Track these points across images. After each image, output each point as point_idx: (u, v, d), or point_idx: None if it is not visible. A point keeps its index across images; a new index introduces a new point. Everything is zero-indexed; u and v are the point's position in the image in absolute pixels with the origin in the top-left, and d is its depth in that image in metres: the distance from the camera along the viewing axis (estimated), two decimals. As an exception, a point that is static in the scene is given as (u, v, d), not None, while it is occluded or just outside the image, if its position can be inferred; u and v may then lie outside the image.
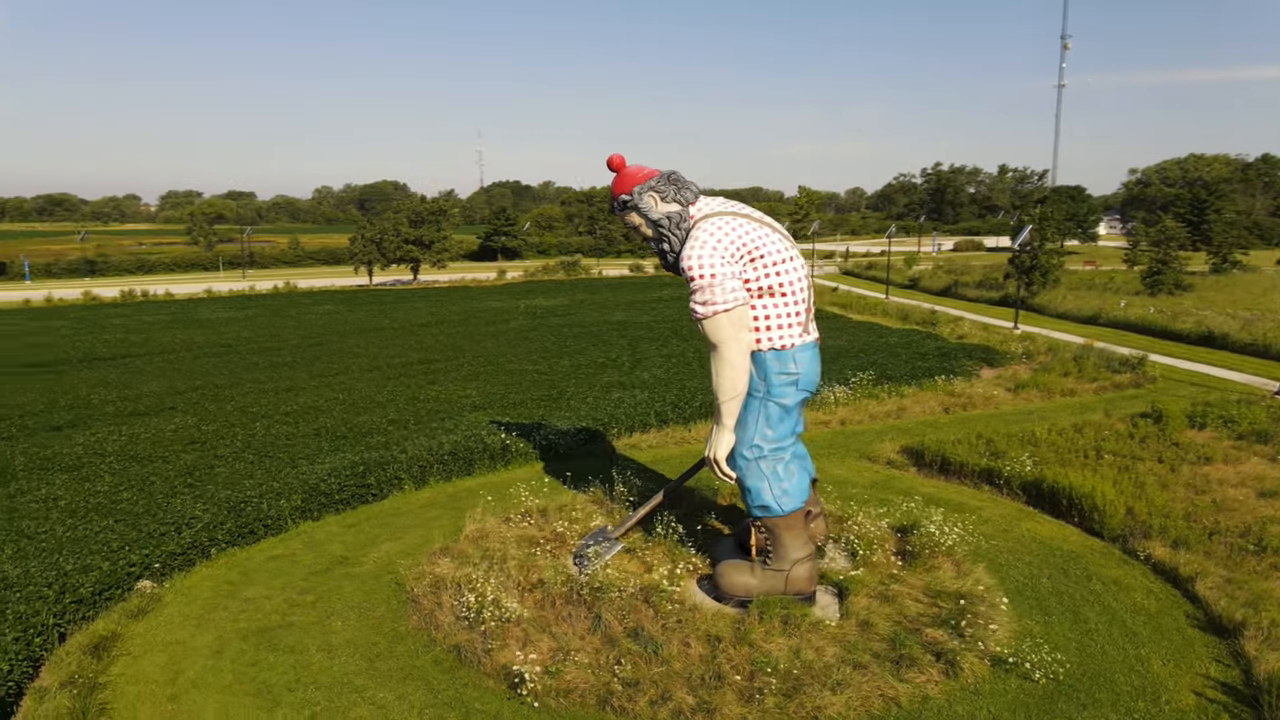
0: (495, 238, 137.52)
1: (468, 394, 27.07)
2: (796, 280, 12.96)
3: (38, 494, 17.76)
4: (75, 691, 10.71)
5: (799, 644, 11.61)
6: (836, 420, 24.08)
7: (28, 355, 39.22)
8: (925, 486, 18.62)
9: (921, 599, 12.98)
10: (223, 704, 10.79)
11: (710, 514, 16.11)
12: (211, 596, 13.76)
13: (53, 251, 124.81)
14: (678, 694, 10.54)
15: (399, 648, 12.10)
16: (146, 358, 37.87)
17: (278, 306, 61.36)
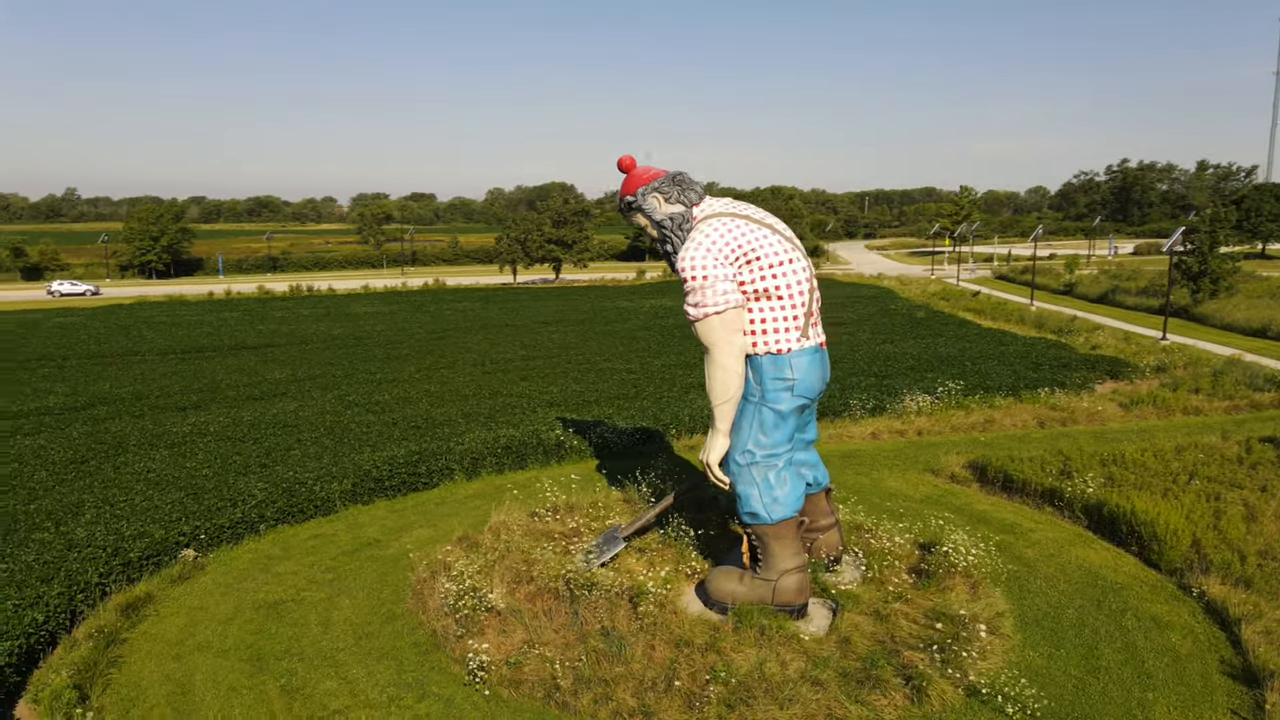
0: (643, 237, 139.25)
1: (549, 391, 27.74)
2: (795, 283, 12.58)
3: (136, 467, 19.72)
4: (94, 645, 11.88)
5: (767, 656, 11.29)
6: (914, 430, 23.04)
7: (189, 342, 43.37)
8: (981, 504, 17.57)
9: (920, 620, 12.31)
10: (215, 666, 11.68)
11: (733, 519, 15.86)
12: (247, 568, 14.87)
13: (246, 249, 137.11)
14: (619, 694, 10.52)
15: (388, 628, 12.68)
16: (285, 347, 41.02)
17: (420, 303, 64.84)
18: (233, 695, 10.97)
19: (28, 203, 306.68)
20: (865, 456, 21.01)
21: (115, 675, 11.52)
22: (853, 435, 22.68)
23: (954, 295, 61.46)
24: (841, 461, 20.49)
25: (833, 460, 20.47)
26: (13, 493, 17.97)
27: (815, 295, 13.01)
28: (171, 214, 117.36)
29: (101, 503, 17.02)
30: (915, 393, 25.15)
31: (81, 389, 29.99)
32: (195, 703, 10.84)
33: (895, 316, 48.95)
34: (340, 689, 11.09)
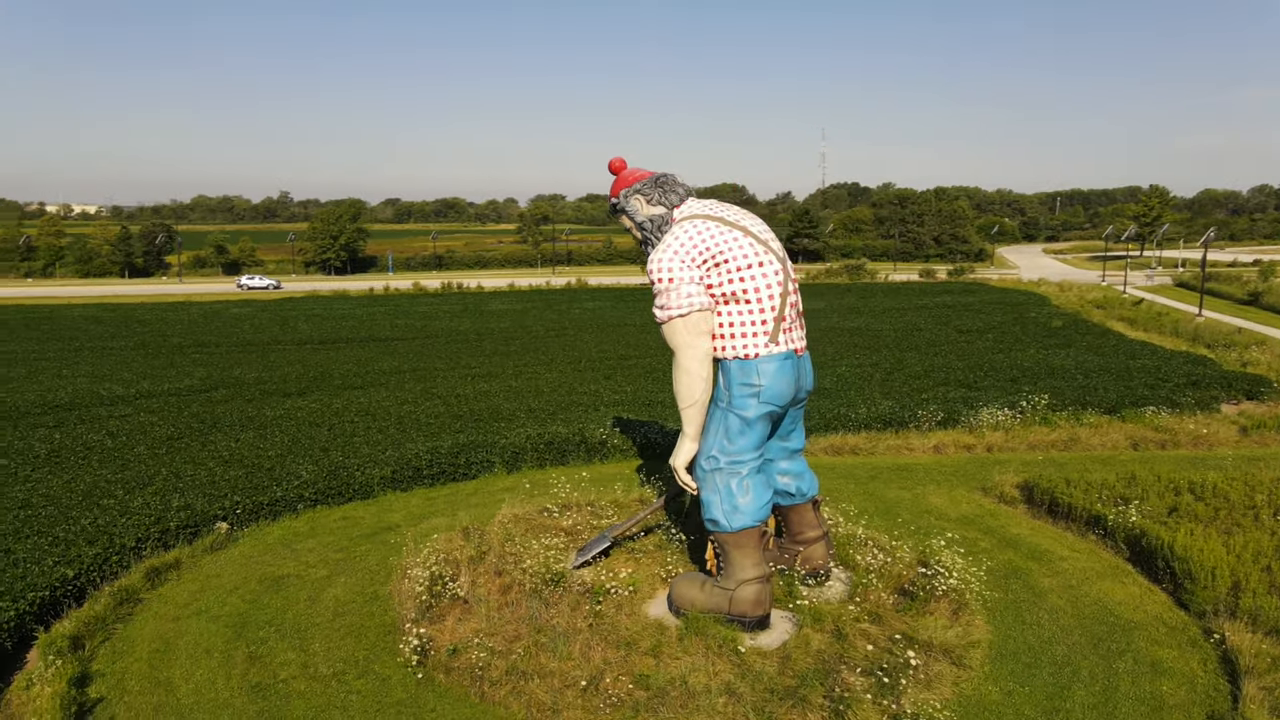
0: (796, 240, 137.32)
1: (623, 390, 28.05)
2: (763, 287, 12.26)
3: (218, 445, 21.61)
4: (110, 602, 13.23)
5: (700, 665, 11.09)
6: (983, 446, 21.70)
7: (330, 333, 46.76)
8: (1019, 527, 16.38)
9: (881, 642, 11.69)
10: (203, 629, 12.71)
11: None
12: (273, 544, 16.04)
13: (416, 248, 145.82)
14: (534, 688, 10.66)
15: (365, 608, 13.36)
16: (409, 341, 43.47)
17: (554, 301, 66.86)
18: (204, 657, 11.92)
19: (249, 204, 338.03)
20: (919, 471, 20.00)
21: (119, 630, 12.76)
22: (914, 448, 21.63)
23: (1113, 303, 56.99)
24: (892, 475, 19.62)
25: (883, 473, 19.67)
26: (109, 463, 20.13)
27: (790, 300, 12.59)
28: (349, 214, 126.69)
29: (170, 475, 18.80)
30: (995, 406, 23.62)
31: (216, 373, 33.06)
32: (170, 660, 11.85)
33: (1029, 325, 45.96)
34: (297, 660, 11.82)
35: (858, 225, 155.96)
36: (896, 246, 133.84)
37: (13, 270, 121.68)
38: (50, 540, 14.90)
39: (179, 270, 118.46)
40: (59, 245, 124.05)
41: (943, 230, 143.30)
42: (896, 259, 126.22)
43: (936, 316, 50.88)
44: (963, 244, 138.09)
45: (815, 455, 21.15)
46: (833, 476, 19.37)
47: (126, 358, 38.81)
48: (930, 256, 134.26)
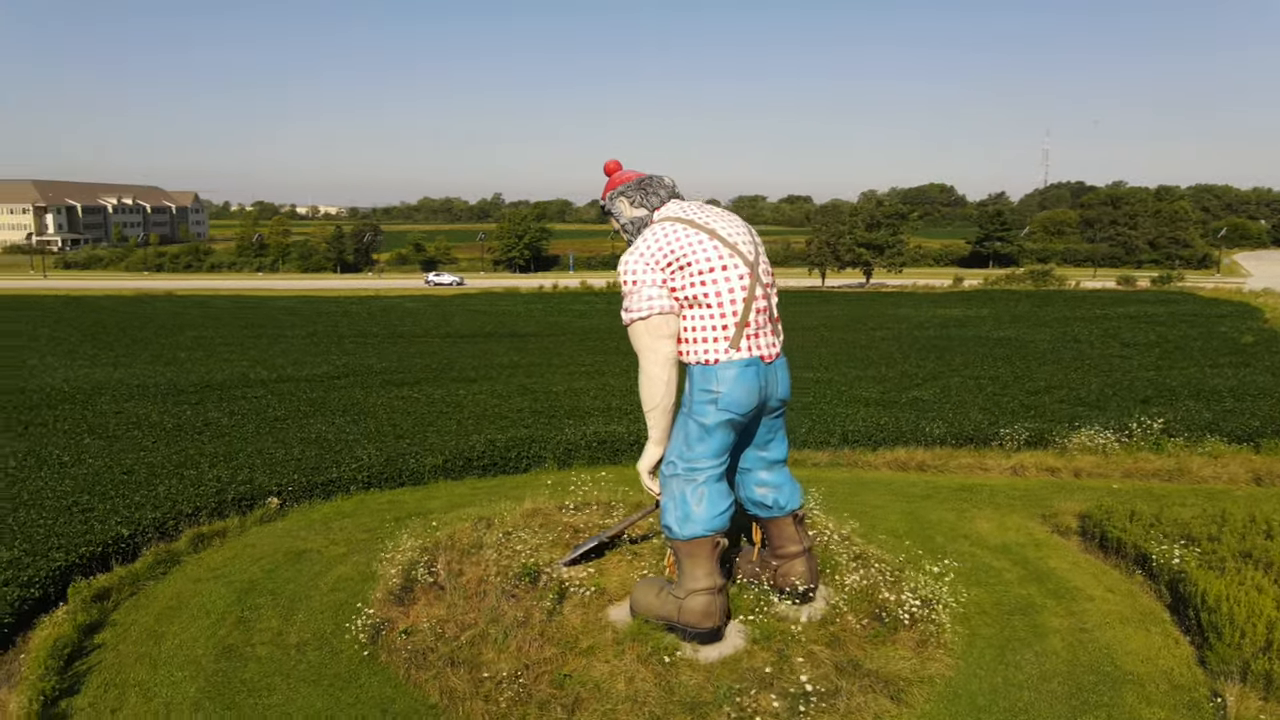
0: (986, 243, 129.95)
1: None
2: (725, 291, 11.96)
3: (313, 428, 23.52)
4: (149, 562, 14.84)
5: (624, 670, 11.02)
6: (1069, 470, 19.84)
7: (477, 328, 49.40)
8: (1058, 560, 14.92)
9: (823, 666, 11.12)
10: (214, 592, 13.97)
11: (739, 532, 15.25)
12: (315, 521, 17.32)
13: (594, 248, 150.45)
14: (453, 676, 10.97)
15: (358, 586, 14.14)
16: (542, 337, 45.12)
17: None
18: (202, 617, 13.11)
19: (466, 205, 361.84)
20: (982, 492, 18.61)
21: (148, 587, 14.26)
22: (989, 468, 20.12)
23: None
24: (949, 495, 18.40)
25: (941, 493, 18.50)
26: (215, 439, 22.45)
27: (758, 305, 12.16)
28: (533, 215, 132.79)
29: (254, 452, 20.70)
30: (1098, 427, 21.49)
31: (354, 362, 35.85)
32: (174, 617, 13.14)
33: (1212, 340, 41.14)
34: (275, 628, 12.74)
35: (1060, 228, 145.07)
36: (1104, 251, 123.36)
37: (246, 265, 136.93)
38: (127, 503, 16.87)
39: (380, 267, 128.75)
40: (285, 243, 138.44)
41: (1160, 233, 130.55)
42: (1101, 264, 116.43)
43: (1106, 328, 46.64)
44: (1183, 248, 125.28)
45: (877, 470, 20.22)
46: (883, 492, 18.44)
47: (292, 345, 42.79)
48: (1144, 262, 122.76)
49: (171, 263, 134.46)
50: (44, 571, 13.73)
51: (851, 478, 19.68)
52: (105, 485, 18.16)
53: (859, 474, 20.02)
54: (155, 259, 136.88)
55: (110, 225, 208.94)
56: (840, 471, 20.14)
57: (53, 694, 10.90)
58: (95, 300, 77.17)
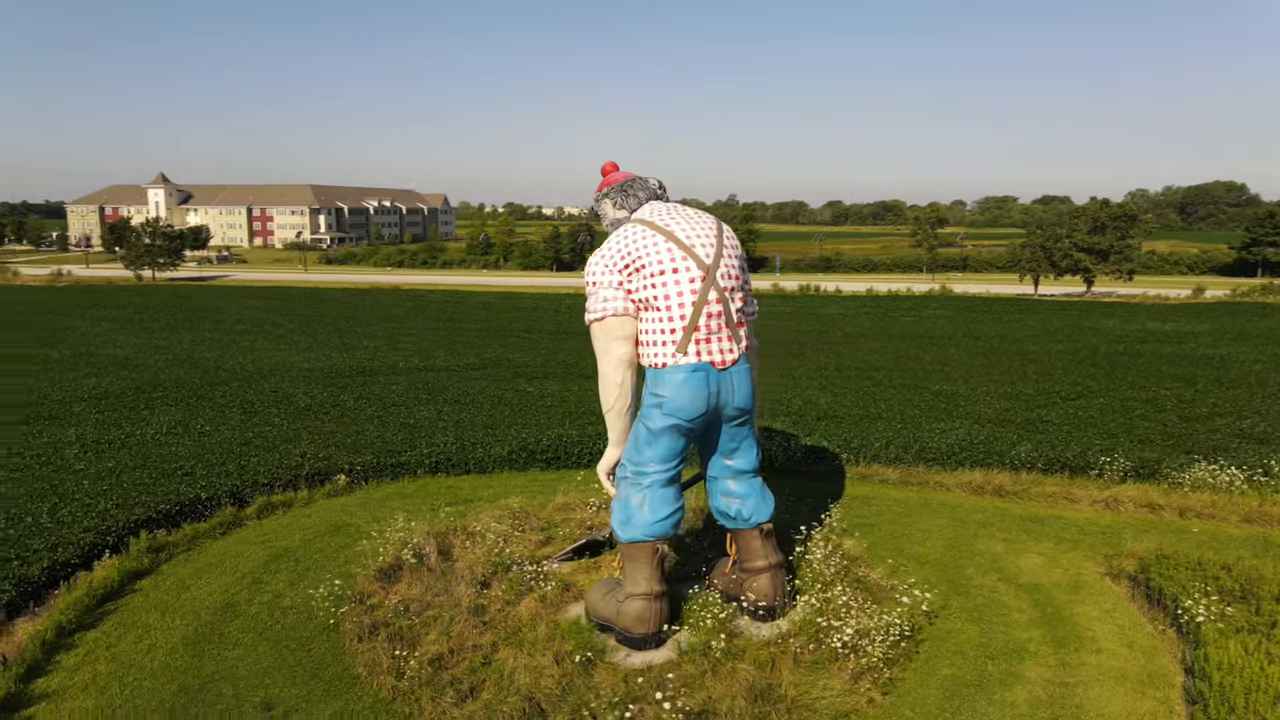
0: (1255, 248, 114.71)
1: (817, 401, 26.89)
2: (674, 294, 11.83)
3: (418, 413, 25.25)
4: (213, 524, 16.74)
5: (538, 666, 11.19)
6: (1174, 508, 17.42)
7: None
8: (1089, 607, 13.29)
9: (738, 686, 10.71)
10: (252, 554, 15.49)
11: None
12: (376, 500, 18.68)
13: (803, 250, 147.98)
14: (380, 651, 11.58)
15: (369, 560, 15.23)
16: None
17: (891, 308, 64.30)
18: (229, 576, 14.61)
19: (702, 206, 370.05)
20: (1052, 524, 16.81)
21: (204, 545, 16.11)
22: (1076, 498, 18.10)
23: None
24: (1012, 524, 16.80)
25: (1003, 520, 16.97)
26: (329, 419, 24.73)
27: (710, 310, 11.87)
28: (741, 215, 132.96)
29: (352, 433, 22.62)
30: (1222, 462, 18.67)
31: (501, 355, 37.93)
32: (209, 573, 14.72)
33: None
34: (279, 590, 13.93)
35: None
36: None
37: (475, 262, 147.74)
38: (221, 470, 19.11)
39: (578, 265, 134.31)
40: (509, 243, 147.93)
41: None
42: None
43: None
44: None
45: (948, 491, 18.82)
46: (939, 516, 17.16)
47: (462, 337, 45.87)
48: None
49: (410, 259, 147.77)
50: (120, 523, 15.90)
51: (914, 498, 18.42)
52: (217, 453, 20.62)
53: (926, 494, 18.69)
54: (399, 256, 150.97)
55: (371, 225, 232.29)
56: (905, 491, 18.90)
57: (70, 626, 12.71)
58: (330, 292, 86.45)
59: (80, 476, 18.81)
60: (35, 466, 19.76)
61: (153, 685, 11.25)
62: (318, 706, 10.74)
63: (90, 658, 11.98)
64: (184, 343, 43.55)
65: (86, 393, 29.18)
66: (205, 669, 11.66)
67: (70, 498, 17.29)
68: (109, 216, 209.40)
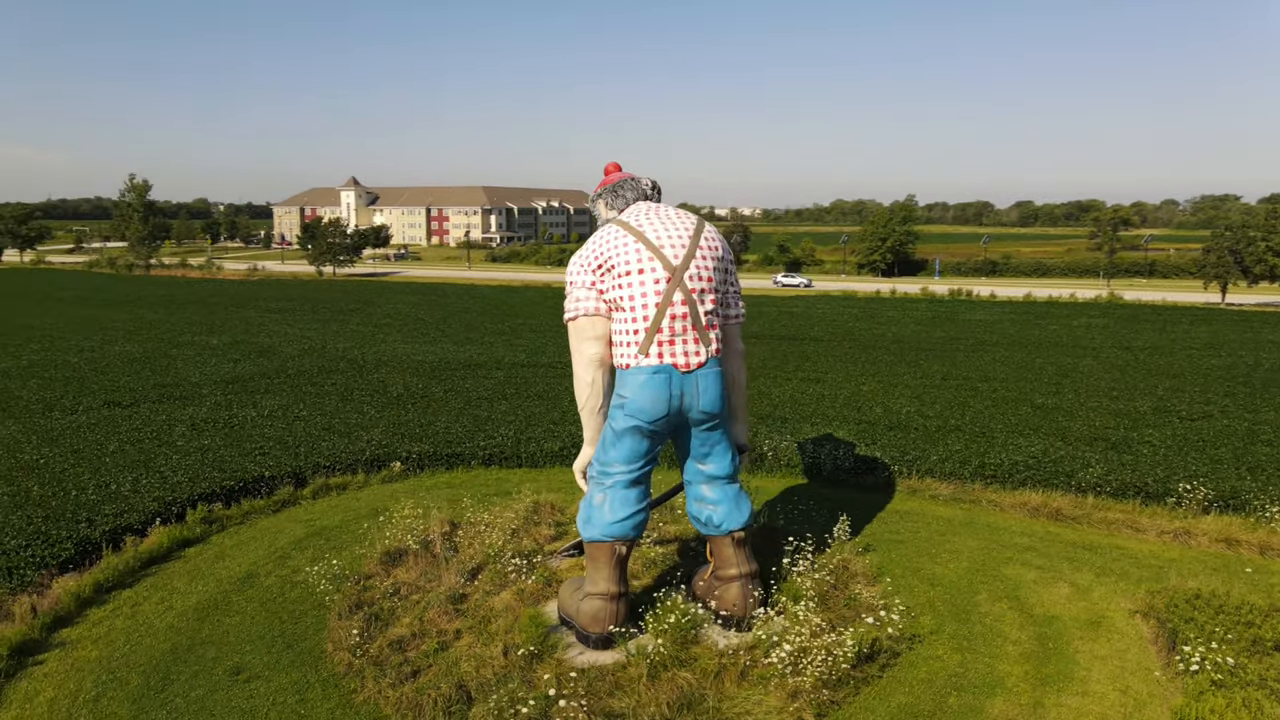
0: None
1: (899, 409, 25.71)
2: (638, 296, 11.84)
3: (495, 407, 26.14)
4: (270, 501, 18.10)
5: (485, 656, 11.47)
6: (1254, 544, 15.58)
7: (776, 329, 50.03)
8: (1100, 646, 12.17)
9: (664, 693, 10.58)
10: (289, 531, 16.62)
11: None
12: (425, 487, 19.49)
13: (967, 252, 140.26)
14: (353, 628, 12.19)
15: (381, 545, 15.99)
16: (830, 342, 44.40)
17: (1040, 315, 60.27)
18: (260, 551, 15.75)
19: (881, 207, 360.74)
20: (1101, 554, 15.42)
21: (255, 520, 17.41)
22: (1142, 527, 16.49)
23: None
24: (1059, 551, 15.55)
25: (1052, 547, 15.83)
26: (414, 408, 26.05)
27: (674, 311, 11.76)
28: (899, 216, 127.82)
29: (425, 423, 23.74)
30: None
31: (609, 354, 38.57)
32: (247, 545, 15.88)
33: None
34: (299, 566, 14.84)
35: None
36: None
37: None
38: (293, 452, 20.61)
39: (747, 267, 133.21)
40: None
41: None
42: None
43: None
44: None
45: (1002, 511, 17.64)
46: (979, 537, 16.14)
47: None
48: None
49: (568, 257, 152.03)
50: (186, 495, 17.50)
51: (959, 516, 17.35)
52: (300, 436, 22.23)
53: (973, 513, 17.55)
54: (558, 254, 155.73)
55: (539, 225, 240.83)
56: (952, 508, 17.81)
57: (108, 584, 14.15)
58: (483, 289, 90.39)
59: (173, 452, 20.79)
60: (143, 441, 22.00)
61: (152, 644, 12.36)
62: (279, 675, 11.47)
63: (114, 614, 13.31)
64: (326, 334, 46.98)
65: (220, 377, 32.15)
66: (202, 633, 12.69)
67: (154, 470, 19.17)
68: (307, 217, 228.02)
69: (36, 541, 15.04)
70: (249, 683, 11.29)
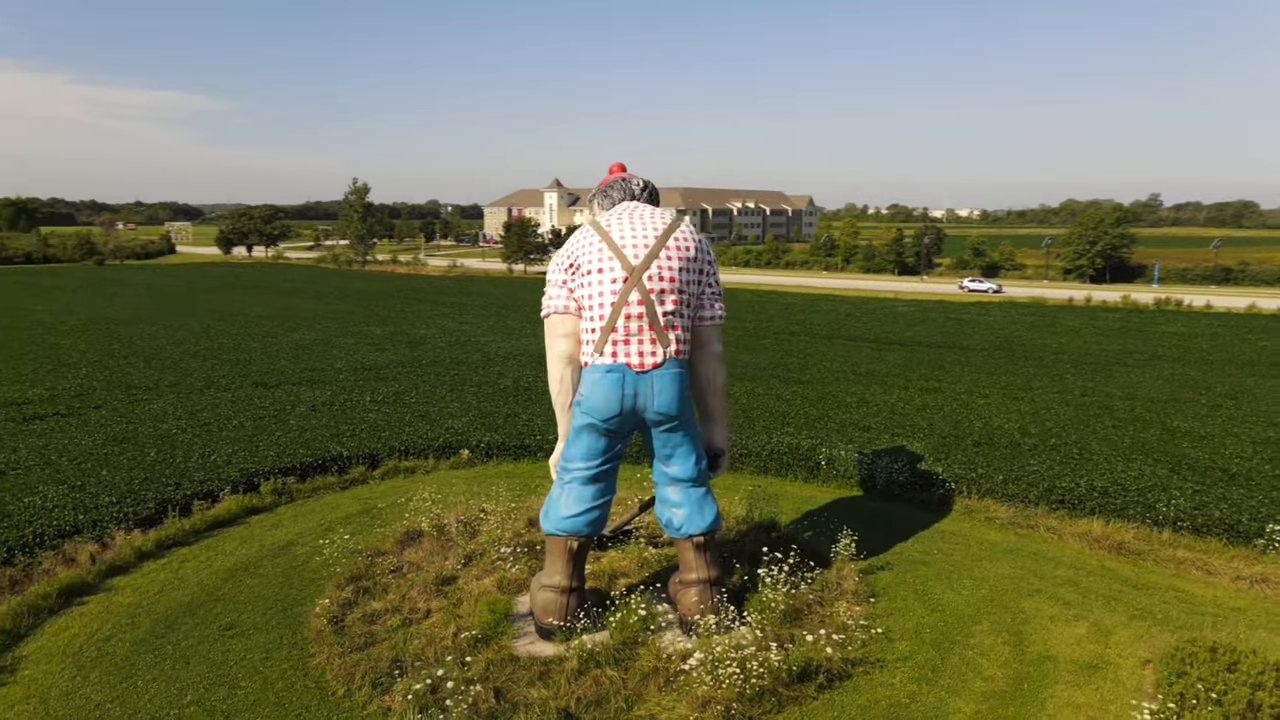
0: None
1: (1000, 424, 23.87)
2: (595, 295, 12.07)
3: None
4: (342, 479, 19.65)
5: (439, 637, 12.02)
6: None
7: (889, 334, 47.80)
8: (1084, 693, 11.01)
9: (583, 690, 10.70)
10: (344, 506, 17.94)
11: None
12: (489, 475, 20.36)
13: (1196, 258, 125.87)
14: (338, 596, 13.14)
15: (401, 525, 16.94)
16: (958, 350, 41.93)
17: (1246, 330, 53.61)
18: (314, 521, 17.11)
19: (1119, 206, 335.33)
20: (1149, 595, 13.85)
21: (324, 495, 18.95)
22: (1214, 570, 14.62)
23: None
24: (1100, 587, 14.16)
25: (1093, 583, 14.49)
26: (510, 401, 27.18)
27: (629, 311, 11.84)
28: (1112, 218, 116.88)
29: (508, 414, 24.75)
30: None
31: (729, 355, 38.31)
32: (304, 515, 17.28)
33: None
34: (337, 537, 15.95)
35: None
36: None
37: (817, 263, 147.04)
38: (377, 435, 22.22)
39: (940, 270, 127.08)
40: (853, 244, 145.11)
41: None
42: None
43: None
44: None
45: (1060, 539, 16.21)
46: (1015, 564, 14.98)
47: (720, 336, 46.83)
48: None
49: (755, 259, 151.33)
50: (268, 467, 19.36)
51: (1004, 541, 16.04)
52: (393, 421, 23.91)
53: (1025, 539, 16.15)
54: (744, 256, 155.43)
55: (733, 226, 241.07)
56: (1002, 532, 16.48)
57: (169, 542, 15.99)
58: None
59: (280, 429, 22.98)
60: (263, 418, 24.44)
61: (178, 596, 13.88)
62: (260, 634, 12.57)
63: (163, 568, 15.03)
64: (480, 328, 49.68)
65: (361, 364, 34.97)
66: (222, 591, 14.09)
67: (254, 444, 21.31)
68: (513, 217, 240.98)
69: (127, 499, 17.20)
70: (233, 639, 12.46)
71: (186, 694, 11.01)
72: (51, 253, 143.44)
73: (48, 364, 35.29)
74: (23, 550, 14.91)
